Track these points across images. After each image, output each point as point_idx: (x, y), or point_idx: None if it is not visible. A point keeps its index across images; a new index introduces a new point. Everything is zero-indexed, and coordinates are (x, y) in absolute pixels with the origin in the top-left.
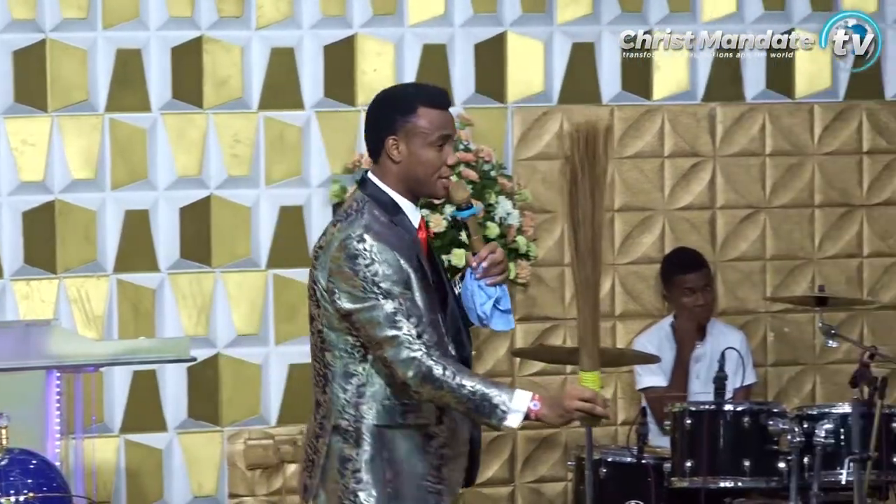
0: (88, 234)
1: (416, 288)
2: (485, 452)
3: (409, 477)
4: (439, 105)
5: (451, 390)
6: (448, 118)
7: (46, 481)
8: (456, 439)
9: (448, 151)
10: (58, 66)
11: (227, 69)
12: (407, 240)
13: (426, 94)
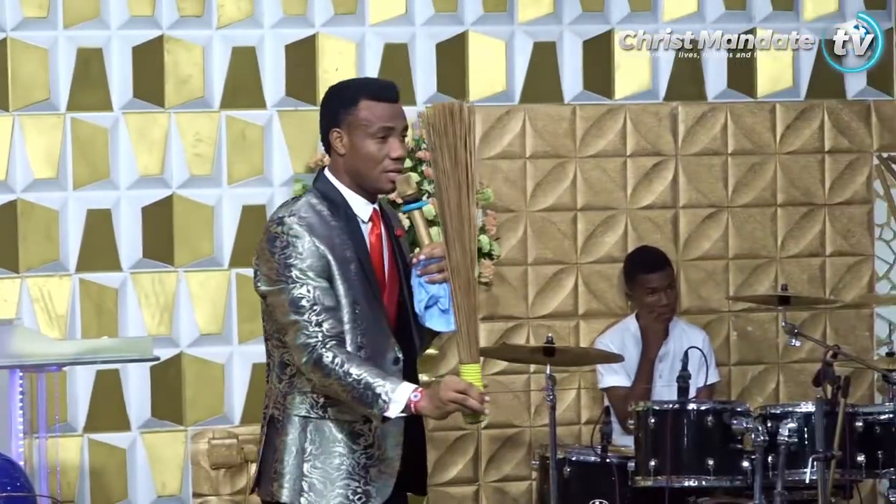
0: (50, 234)
1: (339, 278)
2: (448, 451)
3: (331, 473)
4: (383, 98)
5: (338, 378)
6: (393, 111)
7: (10, 481)
8: (386, 440)
9: (393, 144)
10: (18, 65)
11: (189, 68)
12: (339, 229)
13: (370, 86)
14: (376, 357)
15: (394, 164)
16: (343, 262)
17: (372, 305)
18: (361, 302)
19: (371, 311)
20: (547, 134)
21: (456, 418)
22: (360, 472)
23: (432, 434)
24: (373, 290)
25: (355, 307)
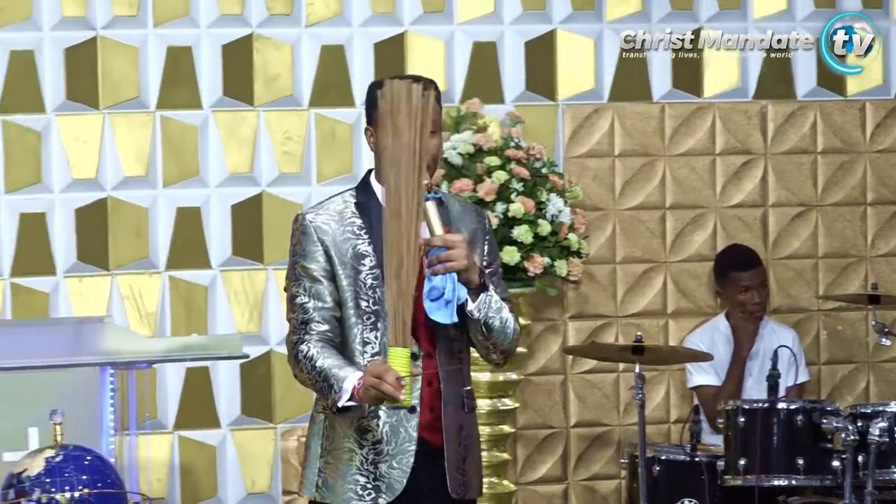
0: (140, 232)
1: (342, 276)
2: (537, 450)
3: (341, 468)
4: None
5: (306, 370)
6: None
7: (101, 477)
8: (397, 436)
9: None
10: (109, 64)
11: (278, 66)
12: (360, 227)
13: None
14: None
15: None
16: (355, 258)
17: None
18: (372, 295)
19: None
20: (636, 132)
21: (546, 416)
22: (368, 467)
23: (522, 433)
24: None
25: (360, 302)
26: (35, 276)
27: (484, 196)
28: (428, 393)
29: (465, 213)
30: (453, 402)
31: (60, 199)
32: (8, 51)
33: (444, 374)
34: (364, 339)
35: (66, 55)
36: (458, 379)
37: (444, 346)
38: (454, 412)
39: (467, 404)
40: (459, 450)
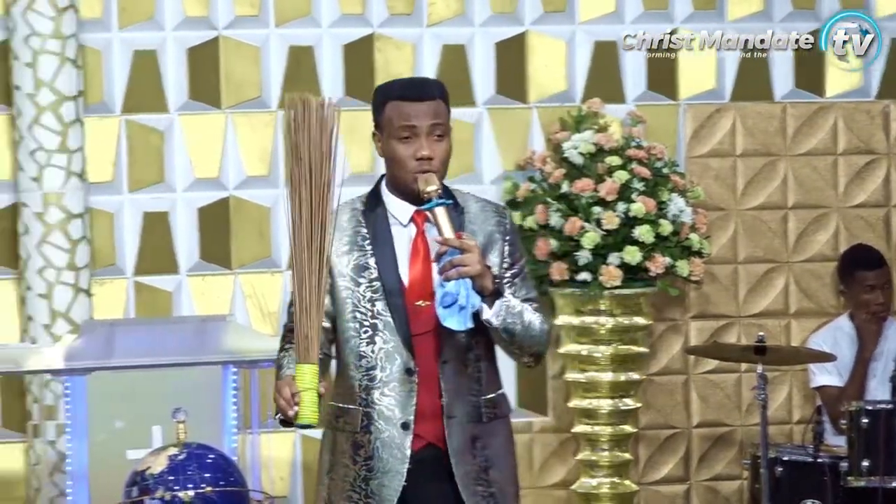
0: (262, 231)
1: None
2: (659, 450)
3: (339, 483)
4: (407, 97)
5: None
6: (417, 109)
7: (224, 475)
8: (389, 450)
9: (418, 144)
10: (231, 64)
11: (399, 66)
12: (363, 236)
13: (397, 87)
14: (386, 365)
15: (418, 164)
16: (355, 270)
17: (391, 310)
18: (371, 308)
19: (387, 317)
20: (757, 132)
21: (667, 416)
22: (360, 484)
23: (644, 433)
24: (391, 297)
25: (356, 315)
26: (158, 274)
27: (605, 196)
28: (432, 405)
29: (484, 214)
30: (462, 414)
31: (183, 198)
32: (131, 51)
33: (446, 385)
34: (360, 353)
35: (188, 55)
36: (474, 389)
37: (454, 356)
38: (463, 424)
39: (486, 413)
40: (476, 462)
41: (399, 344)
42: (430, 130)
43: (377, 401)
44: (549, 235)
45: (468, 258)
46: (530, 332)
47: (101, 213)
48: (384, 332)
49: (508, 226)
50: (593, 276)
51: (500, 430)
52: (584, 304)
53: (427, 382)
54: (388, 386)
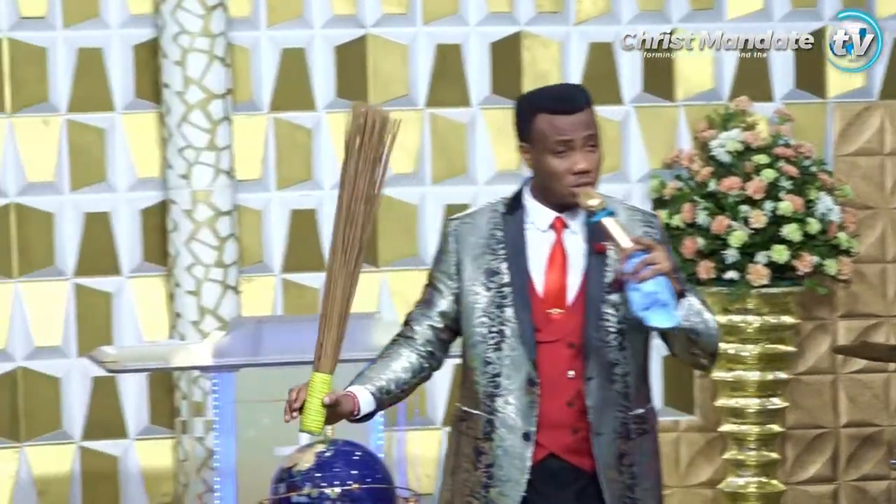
0: (409, 228)
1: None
2: (806, 450)
3: (460, 487)
4: (559, 111)
5: None
6: (570, 122)
7: (370, 472)
8: (510, 459)
9: (574, 158)
10: (379, 61)
11: (547, 64)
12: (499, 240)
13: (545, 99)
14: (511, 373)
15: (576, 179)
16: (488, 274)
17: (518, 318)
18: (500, 314)
19: (514, 325)
20: None
21: (815, 415)
22: (480, 490)
23: (791, 432)
24: (520, 304)
25: (484, 320)
26: (306, 272)
27: (752, 194)
28: (568, 414)
29: (632, 221)
30: (610, 431)
31: (330, 196)
32: (280, 49)
33: (592, 402)
34: (485, 359)
35: (336, 53)
36: (622, 404)
37: (600, 372)
38: (611, 441)
39: (634, 429)
40: (622, 479)
41: (524, 353)
42: (584, 142)
43: (501, 408)
44: (695, 234)
45: (658, 255)
46: (710, 330)
47: (249, 210)
48: (511, 339)
49: (657, 234)
50: (740, 275)
51: (648, 446)
52: (731, 302)
53: (552, 392)
54: (513, 394)
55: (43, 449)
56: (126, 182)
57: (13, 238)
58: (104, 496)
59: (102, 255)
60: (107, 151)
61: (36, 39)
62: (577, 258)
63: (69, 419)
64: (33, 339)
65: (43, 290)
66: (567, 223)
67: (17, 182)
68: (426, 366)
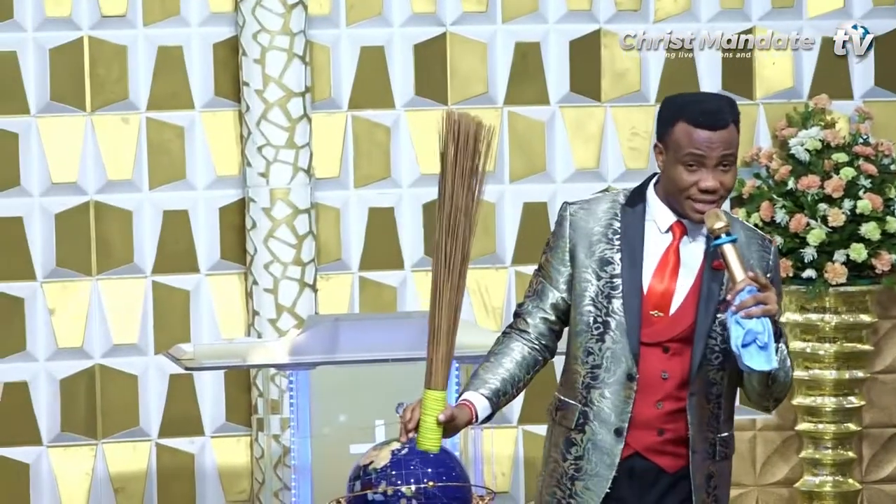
0: (487, 226)
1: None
2: (883, 449)
3: (546, 477)
4: (701, 124)
5: None
6: (710, 138)
7: (446, 470)
8: (599, 453)
9: (704, 175)
10: (458, 60)
11: (626, 63)
12: (616, 231)
13: (691, 108)
14: (611, 366)
15: (701, 196)
16: (601, 262)
17: (625, 311)
18: (607, 305)
19: (620, 317)
20: None
21: (892, 414)
22: (566, 482)
23: (868, 431)
24: (629, 297)
25: (591, 309)
26: (383, 270)
27: (831, 192)
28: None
29: (751, 243)
30: (703, 450)
31: (409, 194)
32: (359, 47)
33: (692, 419)
34: (588, 349)
35: (414, 51)
36: (713, 425)
37: (702, 389)
38: (703, 460)
39: (720, 452)
40: (709, 500)
41: (626, 347)
42: (718, 161)
43: (596, 401)
44: (774, 232)
45: (770, 296)
46: (788, 379)
47: (327, 208)
48: (615, 331)
49: (772, 261)
50: (818, 273)
51: (728, 471)
52: (808, 301)
53: (646, 390)
54: (610, 388)
55: (120, 446)
56: (205, 180)
57: (92, 236)
58: (180, 493)
59: (180, 253)
60: (186, 149)
61: (116, 38)
62: (690, 267)
63: (146, 416)
64: (111, 336)
65: (121, 287)
66: (687, 229)
67: (96, 180)
68: (540, 359)
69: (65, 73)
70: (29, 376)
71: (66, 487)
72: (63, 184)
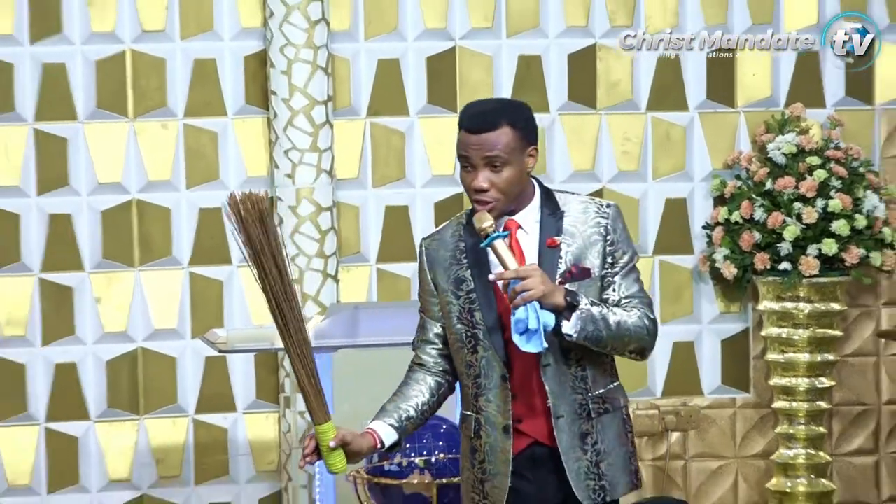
0: None
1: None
2: (853, 425)
3: (465, 487)
4: (466, 127)
5: None
6: (471, 141)
7: (456, 444)
8: (495, 453)
9: (475, 175)
10: (466, 71)
11: (619, 74)
12: (462, 250)
13: (463, 113)
14: (488, 372)
15: (476, 195)
16: (456, 283)
17: (485, 320)
18: (470, 319)
19: (483, 328)
20: None
21: (859, 393)
22: (478, 486)
23: (837, 409)
24: (486, 307)
25: (459, 327)
26: (399, 262)
27: (805, 192)
28: (535, 406)
29: (585, 215)
30: (569, 413)
31: (421, 194)
32: (376, 59)
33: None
34: (468, 362)
35: (427, 63)
36: (580, 387)
37: (555, 359)
38: (572, 423)
39: (594, 409)
40: (587, 457)
41: (495, 353)
42: (484, 162)
43: (484, 407)
44: (753, 228)
45: (529, 283)
46: (622, 332)
47: (348, 206)
48: (484, 340)
49: (610, 225)
50: (793, 266)
51: (613, 423)
52: (784, 291)
53: (526, 385)
54: (492, 392)
55: (160, 421)
56: (236, 180)
57: (135, 231)
58: (214, 464)
59: (215, 247)
60: (219, 153)
61: (156, 51)
62: (532, 255)
63: (184, 394)
64: (152, 322)
65: (161, 277)
66: (520, 224)
67: (138, 180)
68: (443, 382)
69: (109, 83)
70: (78, 358)
71: (112, 458)
72: (108, 184)
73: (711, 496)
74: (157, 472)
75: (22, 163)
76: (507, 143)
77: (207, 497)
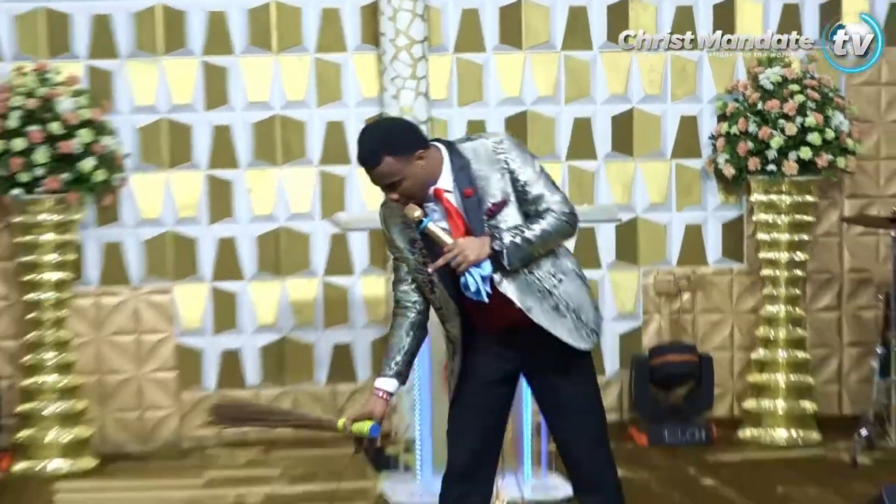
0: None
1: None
2: (821, 288)
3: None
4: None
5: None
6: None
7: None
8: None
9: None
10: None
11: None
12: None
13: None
14: (447, 305)
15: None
16: (410, 242)
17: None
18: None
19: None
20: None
21: (827, 264)
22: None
23: (811, 275)
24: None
25: (418, 275)
26: None
27: (788, 112)
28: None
29: (487, 156)
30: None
31: (496, 112)
32: (461, 8)
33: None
34: (432, 300)
35: (500, 11)
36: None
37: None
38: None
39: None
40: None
41: (447, 293)
42: (387, 185)
43: (450, 329)
44: (747, 139)
45: (459, 258)
46: (545, 238)
47: (439, 120)
48: (439, 284)
49: (506, 157)
50: (778, 168)
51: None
52: (770, 186)
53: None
54: (451, 321)
55: (297, 281)
56: (354, 100)
57: (277, 139)
58: (338, 315)
59: (340, 151)
60: (342, 80)
61: (294, 2)
62: (459, 208)
63: (315, 262)
64: (290, 207)
65: (298, 174)
66: (444, 188)
67: (280, 100)
68: (418, 315)
69: (259, 27)
70: (236, 234)
71: (262, 310)
72: (258, 102)
73: (714, 341)
74: (295, 322)
75: (193, 87)
76: (393, 170)
77: (333, 339)
